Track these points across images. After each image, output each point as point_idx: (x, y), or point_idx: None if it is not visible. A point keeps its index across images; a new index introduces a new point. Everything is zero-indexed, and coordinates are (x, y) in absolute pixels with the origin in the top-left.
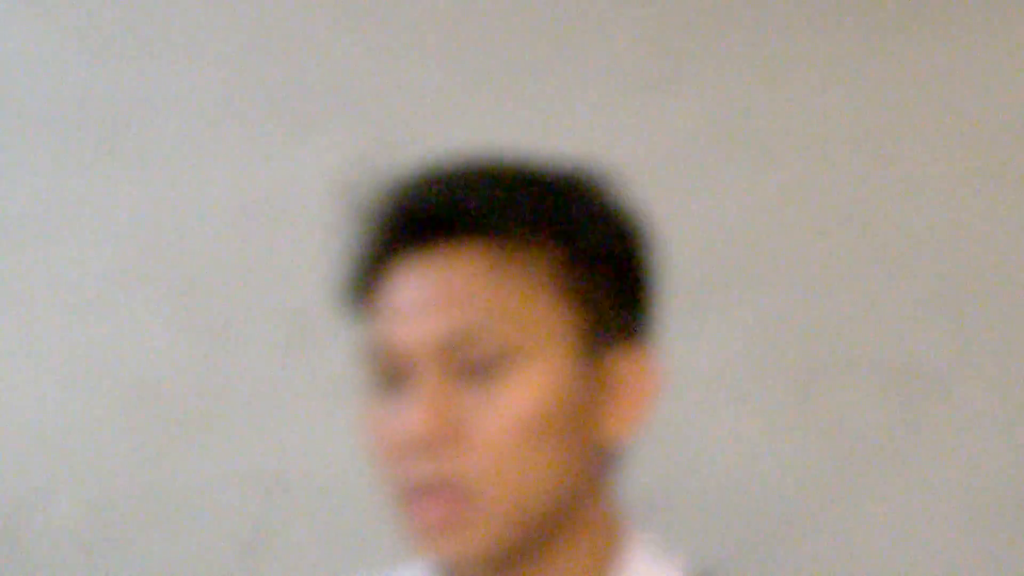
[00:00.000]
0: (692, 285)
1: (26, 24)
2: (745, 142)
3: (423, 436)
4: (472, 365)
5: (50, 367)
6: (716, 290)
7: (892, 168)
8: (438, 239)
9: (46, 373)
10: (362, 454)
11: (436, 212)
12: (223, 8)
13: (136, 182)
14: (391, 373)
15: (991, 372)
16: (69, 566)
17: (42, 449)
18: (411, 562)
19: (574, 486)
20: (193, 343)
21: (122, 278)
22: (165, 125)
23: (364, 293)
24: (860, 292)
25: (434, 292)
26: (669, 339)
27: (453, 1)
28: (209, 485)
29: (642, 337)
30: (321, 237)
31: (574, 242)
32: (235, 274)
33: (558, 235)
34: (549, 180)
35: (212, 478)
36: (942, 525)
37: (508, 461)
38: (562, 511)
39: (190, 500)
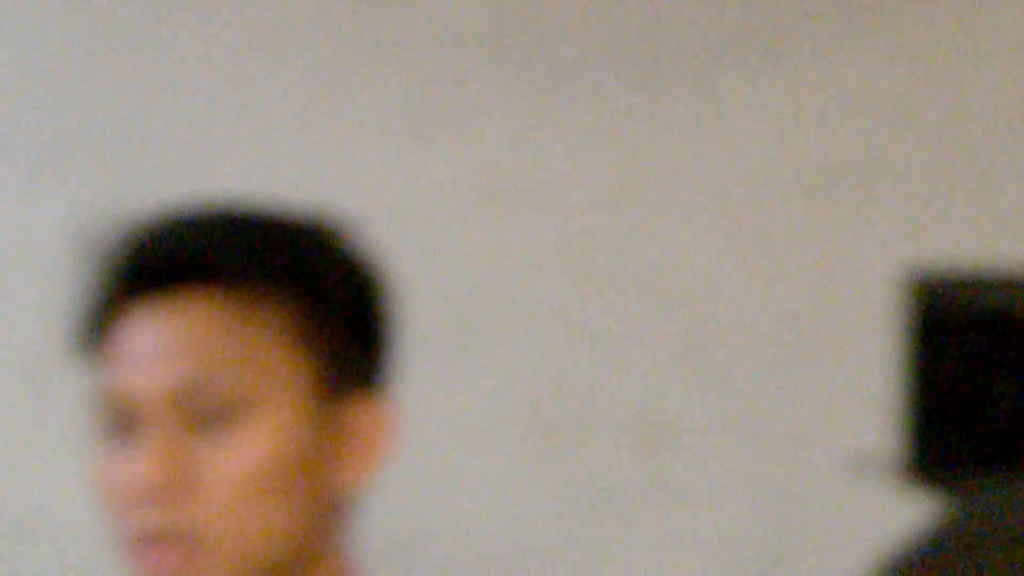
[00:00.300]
0: (442, 335)
1: None
2: (499, 196)
3: (152, 485)
4: (205, 413)
5: None
6: (466, 341)
7: (640, 226)
8: (172, 286)
9: None
10: (97, 500)
11: (170, 259)
12: None
13: None
14: (123, 420)
15: (729, 425)
16: None
17: None
18: None
19: (308, 534)
20: None
21: None
22: None
23: (97, 339)
24: (607, 345)
25: (166, 340)
26: (418, 388)
27: (199, 48)
28: None
29: (380, 386)
30: (58, 281)
31: (311, 291)
32: None
33: (295, 283)
34: (287, 228)
35: None
36: (685, 572)
37: (240, 510)
38: (296, 559)
39: None
